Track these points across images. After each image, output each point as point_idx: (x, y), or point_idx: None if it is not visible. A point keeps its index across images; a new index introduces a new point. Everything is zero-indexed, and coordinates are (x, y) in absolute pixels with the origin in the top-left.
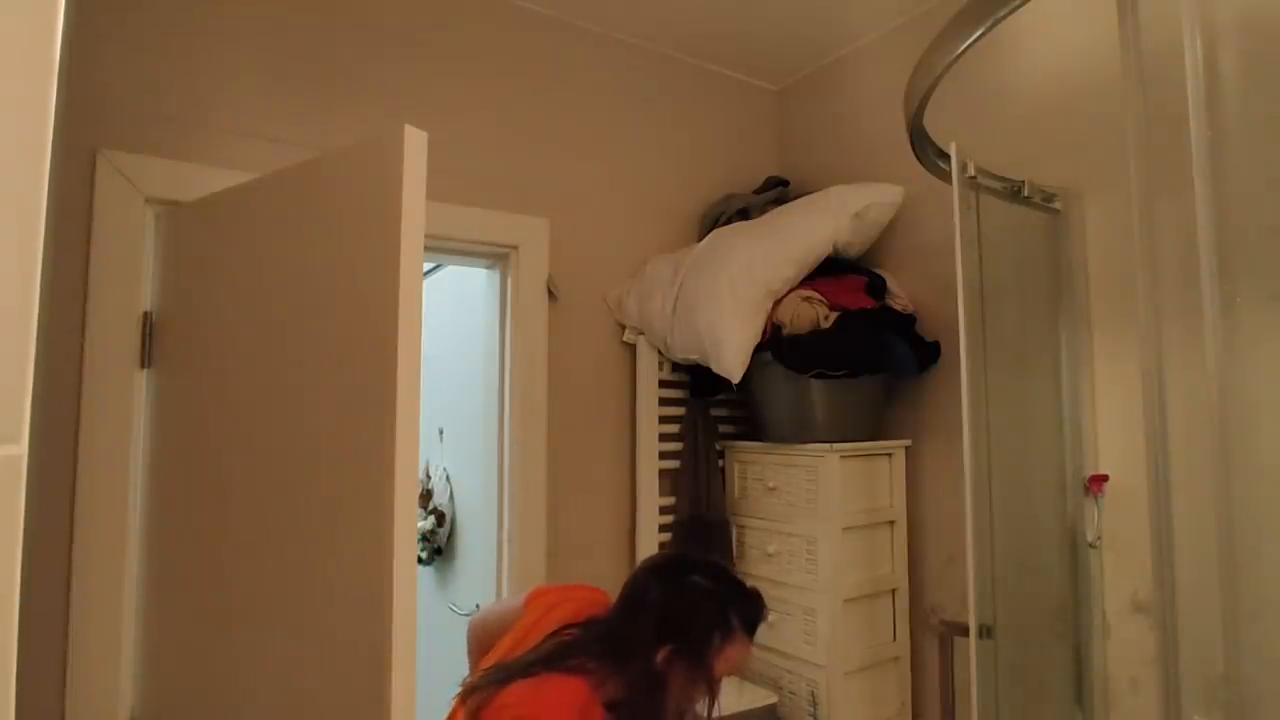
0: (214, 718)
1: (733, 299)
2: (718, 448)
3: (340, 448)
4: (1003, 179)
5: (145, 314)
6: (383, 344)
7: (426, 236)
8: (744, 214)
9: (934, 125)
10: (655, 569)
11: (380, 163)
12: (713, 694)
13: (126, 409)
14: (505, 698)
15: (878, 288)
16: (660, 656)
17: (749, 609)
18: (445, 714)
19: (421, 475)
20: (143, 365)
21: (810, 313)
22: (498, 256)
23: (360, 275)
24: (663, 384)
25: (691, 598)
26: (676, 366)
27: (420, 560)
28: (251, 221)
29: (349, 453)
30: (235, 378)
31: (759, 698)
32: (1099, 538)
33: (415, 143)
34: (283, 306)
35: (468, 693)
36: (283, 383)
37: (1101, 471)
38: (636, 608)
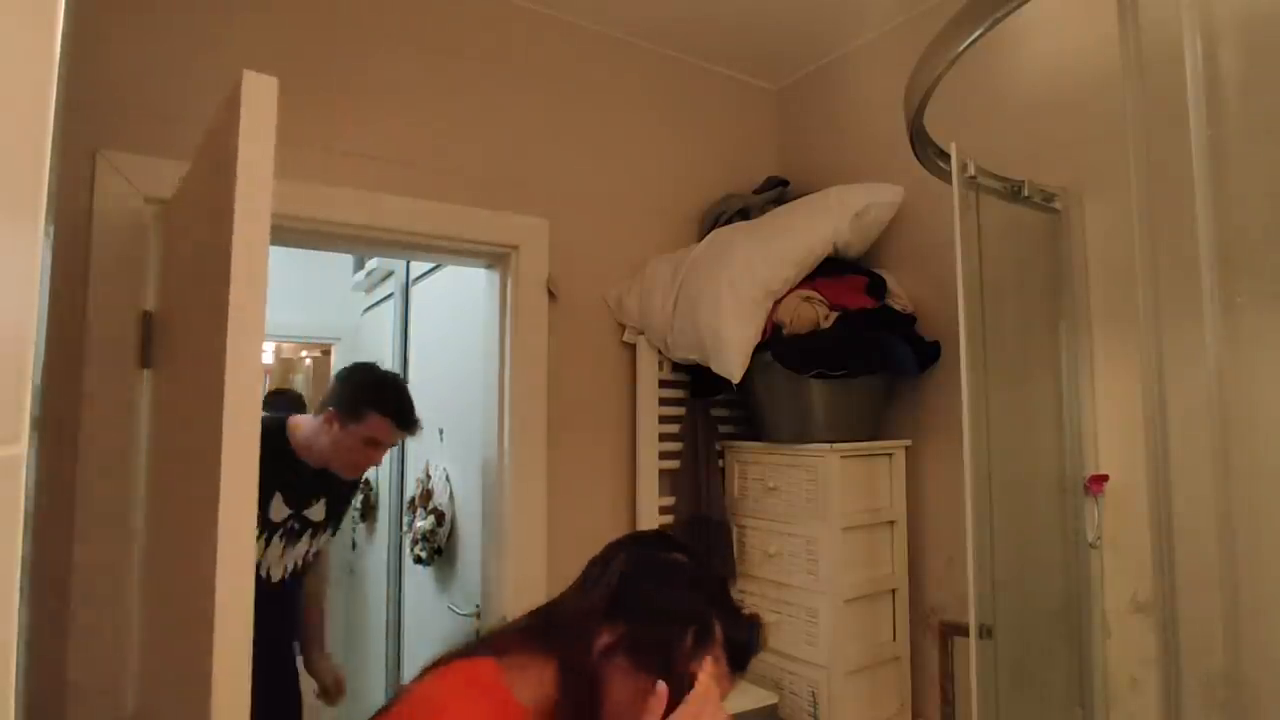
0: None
1: (733, 299)
2: (718, 448)
3: (201, 452)
4: (1003, 179)
5: (145, 314)
6: (217, 338)
7: (427, 236)
8: (744, 214)
9: (934, 125)
10: (631, 537)
11: (225, 124)
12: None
13: (126, 409)
14: (409, 690)
15: (878, 288)
16: (601, 641)
17: (738, 627)
18: None
19: (421, 475)
20: (143, 365)
21: (810, 313)
22: (497, 256)
23: (209, 260)
24: (663, 384)
25: (667, 575)
26: (676, 366)
27: (420, 560)
28: (184, 209)
29: (205, 458)
30: (188, 376)
31: (759, 698)
32: (1099, 538)
33: (258, 92)
34: (193, 298)
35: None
36: (194, 380)
37: (1101, 471)
38: (593, 577)
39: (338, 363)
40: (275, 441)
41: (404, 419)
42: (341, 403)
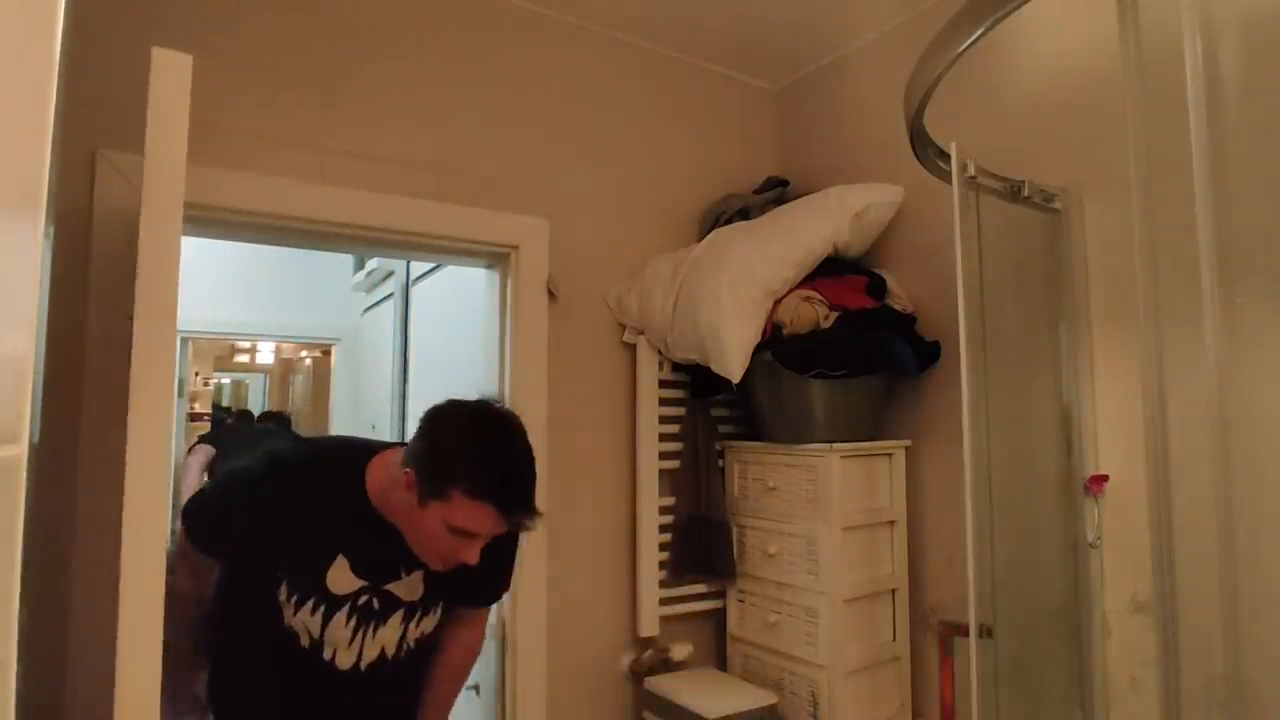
0: None
1: (733, 299)
2: (718, 448)
3: None
4: (1003, 179)
5: None
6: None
7: (427, 236)
8: (744, 214)
9: (934, 125)
10: None
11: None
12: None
13: (126, 409)
14: None
15: (878, 288)
16: None
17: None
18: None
19: None
20: None
21: (810, 313)
22: (498, 257)
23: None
24: (663, 384)
25: None
26: (676, 366)
27: None
28: None
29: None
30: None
31: (759, 698)
32: (1099, 538)
33: (168, 69)
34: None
35: None
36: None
37: (1101, 471)
38: None
39: (338, 363)
40: (341, 485)
41: (511, 503)
42: (420, 464)
